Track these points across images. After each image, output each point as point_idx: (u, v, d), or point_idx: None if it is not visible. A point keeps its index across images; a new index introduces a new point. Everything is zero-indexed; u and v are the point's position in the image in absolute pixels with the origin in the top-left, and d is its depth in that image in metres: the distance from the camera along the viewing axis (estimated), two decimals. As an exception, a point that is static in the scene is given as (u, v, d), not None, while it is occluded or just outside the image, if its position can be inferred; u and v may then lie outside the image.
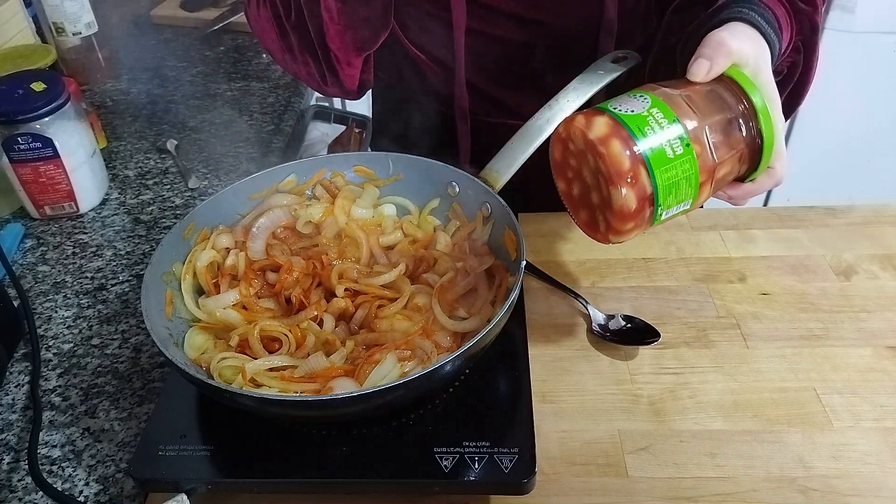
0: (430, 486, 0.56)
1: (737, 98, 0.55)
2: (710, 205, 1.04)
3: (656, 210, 0.53)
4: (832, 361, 0.69)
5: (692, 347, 0.72)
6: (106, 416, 0.68)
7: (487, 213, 0.71)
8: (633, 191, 0.52)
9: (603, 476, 0.60)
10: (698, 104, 0.54)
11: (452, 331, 0.63)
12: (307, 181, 0.76)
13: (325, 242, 0.72)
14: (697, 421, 0.64)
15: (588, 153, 0.54)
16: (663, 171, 0.52)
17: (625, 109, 0.53)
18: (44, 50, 1.21)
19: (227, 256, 0.70)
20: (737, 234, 0.85)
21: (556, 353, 0.71)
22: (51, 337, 0.77)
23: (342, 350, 0.61)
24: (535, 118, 0.72)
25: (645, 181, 0.52)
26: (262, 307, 0.67)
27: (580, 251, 0.84)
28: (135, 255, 0.89)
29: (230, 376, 0.60)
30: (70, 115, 0.91)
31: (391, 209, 0.76)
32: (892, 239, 0.84)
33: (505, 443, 0.56)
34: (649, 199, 0.53)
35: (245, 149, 1.09)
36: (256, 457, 0.58)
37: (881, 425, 0.63)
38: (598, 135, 0.53)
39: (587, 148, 0.54)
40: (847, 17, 1.80)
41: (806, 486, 0.59)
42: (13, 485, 0.62)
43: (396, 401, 0.56)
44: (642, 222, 0.54)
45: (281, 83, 1.27)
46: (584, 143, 0.54)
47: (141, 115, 1.19)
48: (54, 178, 0.91)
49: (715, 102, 0.55)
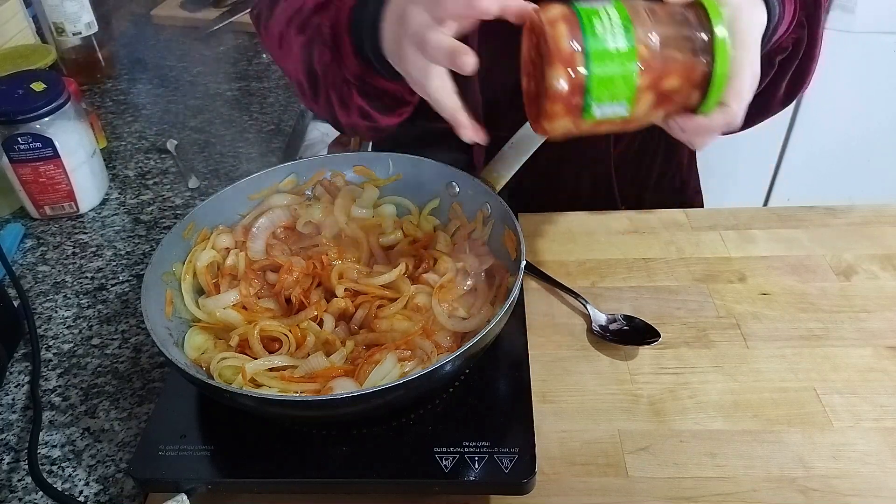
0: (430, 486, 0.56)
1: (702, 26, 0.55)
2: (710, 205, 1.05)
3: (587, 101, 0.54)
4: (832, 361, 0.69)
5: (692, 347, 0.72)
6: (106, 416, 0.68)
7: (487, 213, 0.71)
8: (565, 73, 0.52)
9: (603, 476, 0.60)
10: (659, 17, 0.54)
11: (452, 331, 0.63)
12: (307, 181, 0.76)
13: (325, 242, 0.72)
14: (697, 421, 0.64)
15: (539, 38, 0.55)
16: (600, 62, 0.52)
17: (584, 4, 0.54)
18: (44, 50, 1.21)
19: (227, 256, 0.70)
20: (737, 234, 0.85)
21: (556, 353, 0.71)
22: (51, 337, 0.77)
23: (342, 350, 0.61)
24: (535, 118, 0.72)
25: (580, 66, 0.52)
26: (262, 307, 0.67)
27: (580, 251, 0.84)
28: (135, 255, 0.89)
29: (230, 376, 0.60)
30: (70, 115, 0.91)
31: (391, 209, 0.76)
32: (892, 239, 0.84)
33: (505, 443, 0.56)
34: (580, 87, 0.53)
35: (245, 149, 1.09)
36: (256, 457, 0.58)
37: (881, 425, 0.63)
38: (549, 18, 0.54)
39: (538, 33, 0.55)
40: (847, 17, 1.80)
41: (806, 486, 0.59)
42: (13, 485, 0.62)
43: (396, 401, 0.56)
44: (571, 109, 0.54)
45: (281, 83, 1.27)
46: (538, 27, 0.55)
47: (141, 115, 1.19)
48: (54, 178, 0.91)
49: (676, 20, 0.55)
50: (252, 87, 1.26)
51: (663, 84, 0.55)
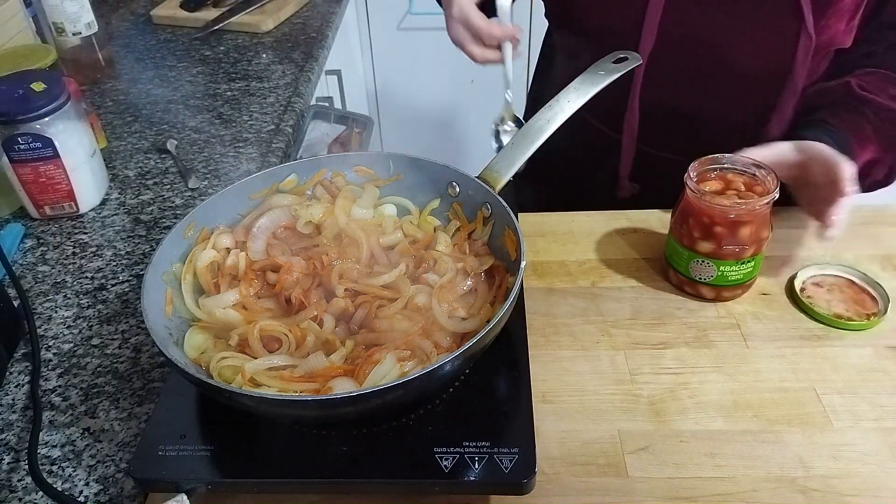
0: (430, 486, 0.56)
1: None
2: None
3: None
4: (832, 361, 0.69)
5: (692, 347, 0.72)
6: (106, 416, 0.68)
7: (487, 214, 0.71)
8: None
9: (603, 476, 0.60)
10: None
11: (452, 331, 0.63)
12: (307, 181, 0.76)
13: (326, 243, 0.71)
14: (697, 421, 0.64)
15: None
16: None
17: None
18: (44, 50, 1.21)
19: (228, 256, 0.70)
20: (737, 234, 0.85)
21: (556, 353, 0.71)
22: (51, 337, 0.77)
23: (342, 350, 0.61)
24: (536, 118, 0.72)
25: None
26: (262, 307, 0.67)
27: (580, 251, 0.84)
28: (135, 255, 0.89)
29: (230, 376, 0.60)
30: (70, 115, 0.91)
31: (391, 209, 0.76)
32: (892, 239, 0.84)
33: (505, 443, 0.56)
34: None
35: (245, 149, 1.09)
36: (256, 457, 0.58)
37: (881, 425, 0.63)
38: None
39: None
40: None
41: (806, 486, 0.59)
42: (13, 485, 0.62)
43: (396, 401, 0.56)
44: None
45: (281, 83, 1.27)
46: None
47: (141, 115, 1.19)
48: (54, 178, 0.91)
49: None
50: (252, 87, 1.26)
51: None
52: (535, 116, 0.72)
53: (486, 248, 0.70)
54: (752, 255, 0.73)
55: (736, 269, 0.73)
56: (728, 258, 0.72)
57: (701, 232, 0.73)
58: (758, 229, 0.71)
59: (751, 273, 0.75)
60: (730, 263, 0.73)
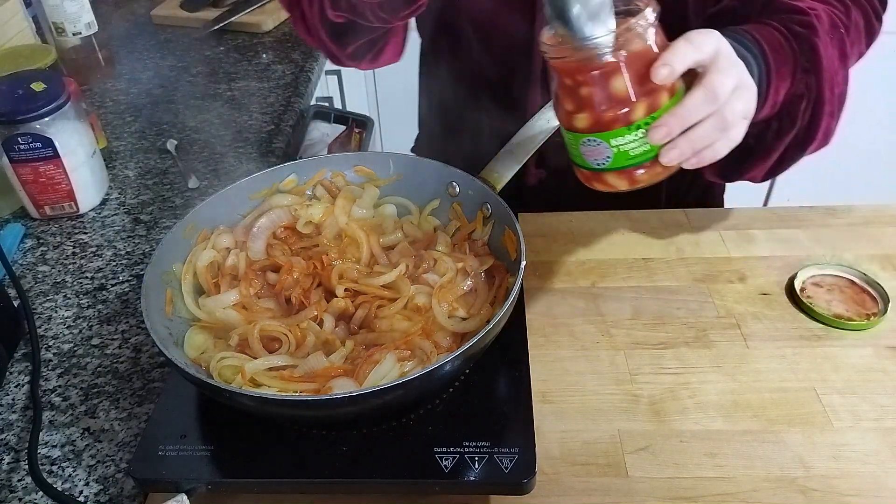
0: (430, 486, 0.56)
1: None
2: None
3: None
4: (832, 361, 0.69)
5: (692, 347, 0.72)
6: (106, 416, 0.68)
7: (487, 214, 0.71)
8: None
9: (603, 476, 0.60)
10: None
11: (452, 331, 0.63)
12: (307, 181, 0.76)
13: (326, 242, 0.72)
14: (697, 421, 0.64)
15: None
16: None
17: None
18: (44, 50, 1.20)
19: (228, 256, 0.70)
20: (737, 234, 0.85)
21: (556, 353, 0.71)
22: (51, 337, 0.77)
23: (342, 350, 0.61)
24: (536, 118, 0.72)
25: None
26: (262, 307, 0.67)
27: (580, 251, 0.84)
28: (135, 255, 0.89)
29: (230, 376, 0.60)
30: (70, 115, 0.91)
31: (391, 209, 0.76)
32: (892, 239, 0.84)
33: (505, 443, 0.56)
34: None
35: (245, 149, 1.09)
36: (256, 457, 0.58)
37: (881, 425, 0.63)
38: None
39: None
40: (847, 17, 1.80)
41: (806, 486, 0.59)
42: (13, 485, 0.62)
43: (396, 401, 0.56)
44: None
45: (281, 83, 1.27)
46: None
47: (141, 115, 1.19)
48: (54, 178, 0.91)
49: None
50: (252, 87, 1.26)
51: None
52: (536, 116, 0.72)
53: (486, 248, 0.70)
54: (647, 115, 0.52)
55: (634, 140, 0.53)
56: (615, 126, 0.52)
57: (572, 102, 0.54)
58: (640, 75, 0.51)
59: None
60: (620, 133, 0.52)
